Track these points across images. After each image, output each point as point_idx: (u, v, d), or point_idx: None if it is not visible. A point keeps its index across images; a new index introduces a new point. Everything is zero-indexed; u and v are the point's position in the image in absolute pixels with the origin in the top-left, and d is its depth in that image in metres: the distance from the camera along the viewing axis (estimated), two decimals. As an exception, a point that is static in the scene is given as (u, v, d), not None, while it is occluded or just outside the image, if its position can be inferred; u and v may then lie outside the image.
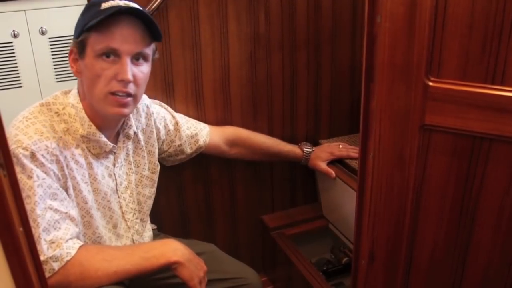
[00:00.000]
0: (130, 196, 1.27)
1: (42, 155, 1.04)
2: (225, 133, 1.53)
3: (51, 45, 2.09)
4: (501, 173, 0.85)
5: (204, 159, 1.60)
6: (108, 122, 1.16)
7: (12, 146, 1.02)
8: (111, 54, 1.06)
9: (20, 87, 2.10)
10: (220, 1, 1.46)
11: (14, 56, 2.05)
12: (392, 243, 1.00)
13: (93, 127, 1.13)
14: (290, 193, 1.82)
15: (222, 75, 1.54)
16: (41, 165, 1.04)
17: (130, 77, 1.07)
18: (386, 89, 0.88)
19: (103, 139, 1.16)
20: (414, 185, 0.93)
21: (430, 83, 0.85)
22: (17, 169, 1.01)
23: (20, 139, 1.03)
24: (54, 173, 1.06)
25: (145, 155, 1.31)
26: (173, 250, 1.12)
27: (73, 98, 1.13)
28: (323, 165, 1.58)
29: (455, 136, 0.87)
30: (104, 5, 1.05)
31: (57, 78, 2.14)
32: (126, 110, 1.11)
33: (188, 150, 1.44)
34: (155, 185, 1.36)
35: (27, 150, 1.03)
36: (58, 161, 1.08)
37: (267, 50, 1.57)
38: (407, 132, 0.89)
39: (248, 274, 1.34)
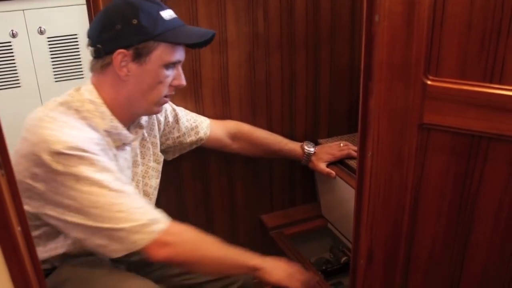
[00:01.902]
0: (135, 188, 1.27)
1: (92, 147, 1.04)
2: (227, 126, 1.53)
3: (49, 44, 2.09)
4: (499, 171, 0.85)
5: (203, 158, 1.60)
6: (133, 118, 1.20)
7: (56, 147, 0.99)
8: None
9: (19, 86, 2.09)
10: (219, 1, 1.46)
11: (13, 56, 2.05)
12: (391, 242, 1.00)
13: (115, 120, 1.14)
14: (289, 192, 1.82)
15: (221, 75, 1.54)
16: (96, 154, 1.04)
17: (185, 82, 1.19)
18: (384, 88, 0.88)
19: (125, 131, 1.17)
20: (412, 184, 0.93)
21: (429, 82, 0.85)
22: (77, 169, 1.00)
23: (63, 140, 1.01)
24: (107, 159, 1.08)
25: (150, 146, 1.32)
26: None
27: (89, 93, 1.12)
28: (323, 166, 1.57)
29: (454, 134, 0.87)
30: (164, 15, 1.11)
31: (55, 78, 2.14)
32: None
33: (188, 142, 1.44)
34: (160, 176, 1.36)
35: (77, 148, 1.01)
36: (103, 150, 1.09)
37: (266, 50, 1.57)
38: (405, 131, 0.89)
39: None
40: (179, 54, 1.14)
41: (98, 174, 1.02)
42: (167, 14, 1.12)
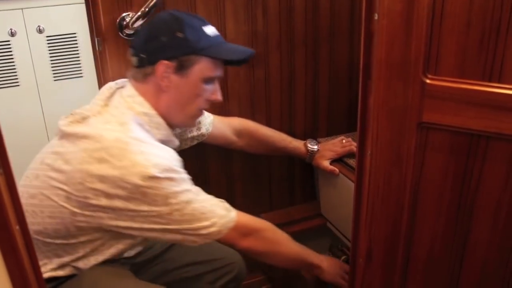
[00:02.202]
0: None
1: (177, 165, 1.10)
2: (232, 123, 1.53)
3: (48, 43, 2.09)
4: (498, 170, 0.85)
5: (203, 158, 1.60)
6: (171, 128, 1.22)
7: (151, 171, 1.02)
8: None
9: (18, 85, 2.09)
10: (218, -1, 1.46)
11: (12, 55, 2.05)
12: (390, 241, 1.00)
13: (168, 128, 1.19)
14: (289, 191, 1.82)
15: (220, 74, 1.53)
16: (181, 172, 1.11)
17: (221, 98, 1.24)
18: (383, 86, 0.88)
19: (173, 137, 1.22)
20: (411, 183, 0.93)
21: (428, 81, 0.85)
22: (167, 190, 1.05)
23: (155, 162, 1.04)
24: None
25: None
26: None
27: (141, 106, 1.14)
28: (326, 164, 1.58)
29: (453, 133, 0.87)
30: (208, 31, 1.16)
31: (54, 77, 2.14)
32: None
33: (189, 137, 1.44)
34: None
35: (169, 170, 1.06)
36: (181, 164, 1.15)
37: (265, 48, 1.57)
38: (404, 129, 0.89)
39: (233, 255, 1.40)
40: (219, 70, 1.19)
41: (184, 191, 1.08)
42: (210, 30, 1.17)
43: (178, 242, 1.15)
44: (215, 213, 1.13)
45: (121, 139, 1.05)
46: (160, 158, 1.05)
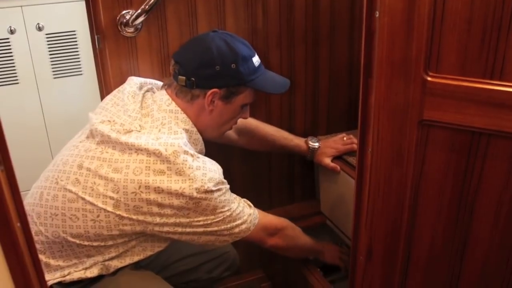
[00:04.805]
0: None
1: (222, 176, 1.17)
2: None
3: (48, 41, 2.08)
4: (499, 168, 0.86)
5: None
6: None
7: (207, 186, 1.09)
8: None
9: (17, 83, 2.09)
10: (218, -3, 1.45)
11: (11, 52, 2.04)
12: (390, 239, 1.00)
13: (203, 144, 1.26)
14: (288, 189, 1.82)
15: (220, 71, 1.53)
16: (227, 183, 1.18)
17: None
18: (384, 84, 0.88)
19: (204, 150, 1.28)
20: (412, 181, 0.94)
21: (429, 78, 0.85)
22: (216, 200, 1.13)
23: (210, 177, 1.11)
24: None
25: None
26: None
27: (184, 123, 1.20)
28: (327, 161, 1.57)
29: (454, 131, 0.87)
30: (254, 61, 1.22)
31: (54, 75, 2.13)
32: None
33: None
34: None
35: (220, 182, 1.14)
36: None
37: (265, 46, 1.57)
38: (405, 127, 0.89)
39: (226, 245, 1.42)
40: (256, 96, 1.27)
41: (229, 200, 1.17)
42: (256, 59, 1.23)
43: (210, 243, 1.20)
44: (245, 211, 1.21)
45: (179, 154, 1.08)
46: (213, 172, 1.12)
